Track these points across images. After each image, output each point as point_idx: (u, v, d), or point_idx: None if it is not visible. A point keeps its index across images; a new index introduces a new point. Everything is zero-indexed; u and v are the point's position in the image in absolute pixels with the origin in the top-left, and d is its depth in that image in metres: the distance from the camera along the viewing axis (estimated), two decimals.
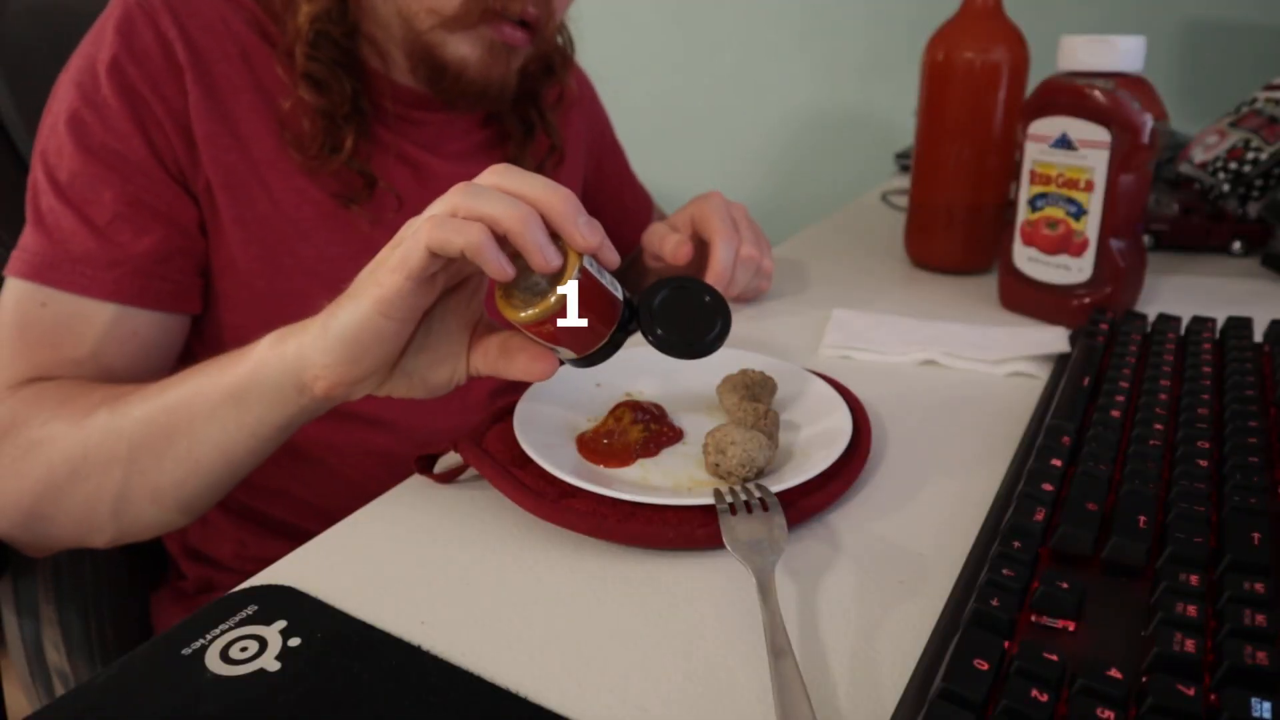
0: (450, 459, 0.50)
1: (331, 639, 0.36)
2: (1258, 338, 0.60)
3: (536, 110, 0.78)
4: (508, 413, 0.51)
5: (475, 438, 0.49)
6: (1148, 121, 0.63)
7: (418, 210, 0.72)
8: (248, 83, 0.63)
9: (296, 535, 0.48)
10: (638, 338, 0.46)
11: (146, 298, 0.60)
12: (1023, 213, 0.71)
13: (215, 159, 0.61)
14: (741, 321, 0.74)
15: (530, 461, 0.46)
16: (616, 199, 0.96)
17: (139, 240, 0.59)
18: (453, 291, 0.47)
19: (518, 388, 0.51)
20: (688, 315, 0.45)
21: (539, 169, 0.78)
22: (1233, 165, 0.88)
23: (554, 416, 0.52)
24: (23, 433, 0.55)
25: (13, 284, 0.58)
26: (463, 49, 0.64)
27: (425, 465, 0.49)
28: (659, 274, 0.81)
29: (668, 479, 0.47)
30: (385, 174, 0.68)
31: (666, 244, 0.74)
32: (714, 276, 0.69)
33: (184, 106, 0.61)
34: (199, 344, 0.67)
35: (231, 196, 0.62)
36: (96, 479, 0.53)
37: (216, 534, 0.72)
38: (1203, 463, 0.43)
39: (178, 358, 0.65)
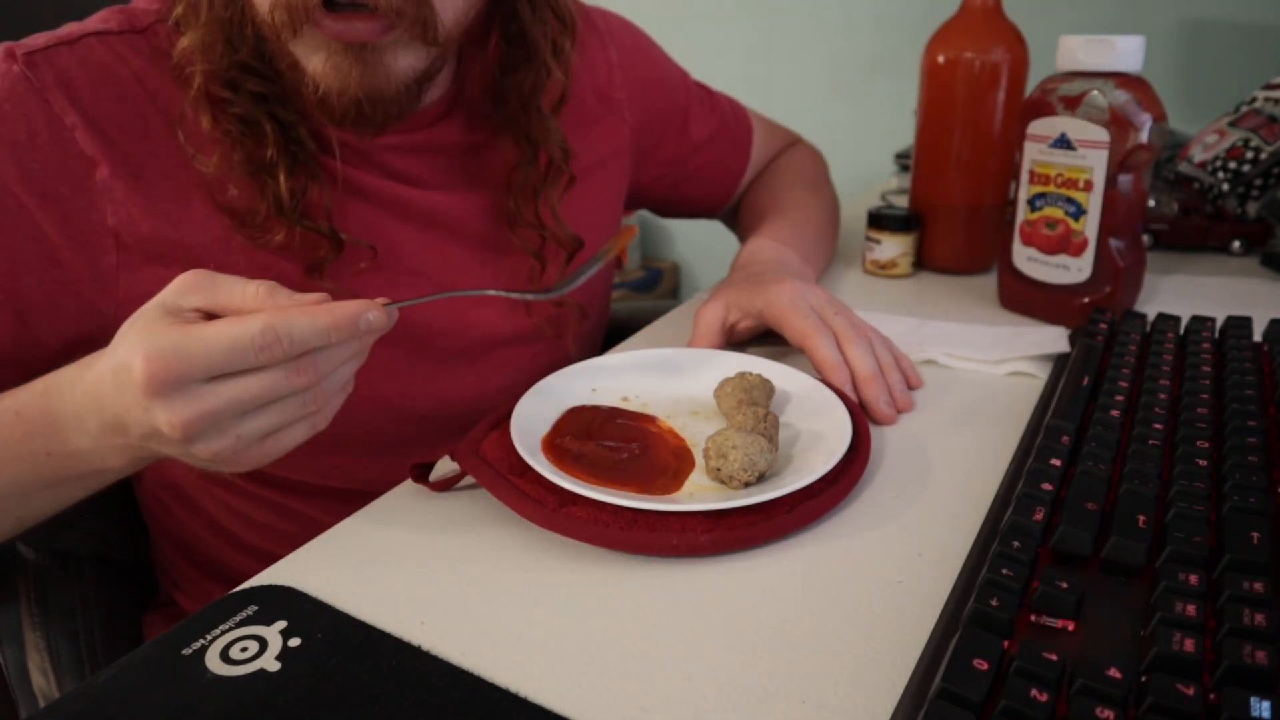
0: (446, 466, 0.50)
1: (331, 639, 0.36)
2: (1257, 337, 0.60)
3: (536, 116, 0.62)
4: (504, 419, 0.51)
5: (472, 445, 0.48)
6: (1147, 121, 0.64)
7: (398, 254, 0.60)
8: (181, 158, 0.52)
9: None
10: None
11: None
12: (1022, 213, 0.71)
13: (156, 276, 0.50)
14: None
15: (529, 469, 0.45)
16: (705, 164, 0.84)
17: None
18: None
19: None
20: None
21: (544, 193, 0.64)
22: (1232, 165, 0.88)
23: (551, 422, 0.51)
24: None
25: None
26: (312, 60, 0.51)
27: (420, 473, 0.48)
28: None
29: None
30: (348, 222, 0.58)
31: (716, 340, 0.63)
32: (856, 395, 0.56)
33: (88, 206, 0.51)
34: None
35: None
36: None
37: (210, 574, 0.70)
38: (1202, 463, 0.43)
39: None
